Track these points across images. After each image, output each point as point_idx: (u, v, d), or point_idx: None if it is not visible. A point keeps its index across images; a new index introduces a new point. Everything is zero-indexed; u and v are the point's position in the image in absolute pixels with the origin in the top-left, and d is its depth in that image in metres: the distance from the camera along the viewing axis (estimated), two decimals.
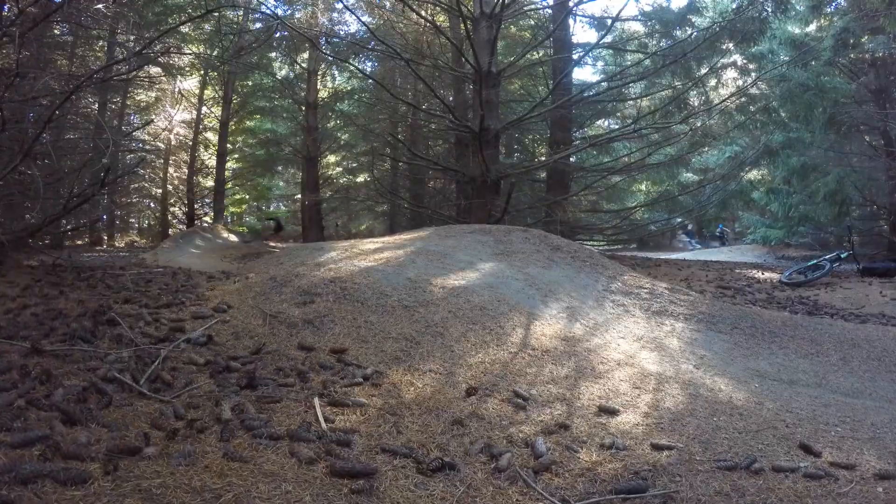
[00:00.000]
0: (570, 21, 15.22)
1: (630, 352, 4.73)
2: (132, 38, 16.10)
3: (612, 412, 3.42)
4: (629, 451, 2.92)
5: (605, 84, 13.76)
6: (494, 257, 6.77)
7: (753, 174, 18.50)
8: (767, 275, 11.08)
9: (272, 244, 17.79)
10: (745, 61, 16.24)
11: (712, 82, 16.92)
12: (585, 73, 28.89)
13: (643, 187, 19.40)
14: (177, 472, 2.20)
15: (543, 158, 16.51)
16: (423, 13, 13.60)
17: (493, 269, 6.27)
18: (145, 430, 2.57)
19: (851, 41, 13.52)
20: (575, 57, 15.04)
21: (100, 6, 11.36)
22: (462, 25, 11.94)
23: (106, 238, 21.43)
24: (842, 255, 10.84)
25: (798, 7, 14.79)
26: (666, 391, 3.90)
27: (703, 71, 14.43)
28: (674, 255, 17.99)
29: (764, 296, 9.17)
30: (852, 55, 14.35)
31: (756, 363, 5.08)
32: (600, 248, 16.03)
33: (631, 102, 15.91)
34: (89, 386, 2.97)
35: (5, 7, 7.27)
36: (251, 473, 2.28)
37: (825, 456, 3.01)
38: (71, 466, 2.13)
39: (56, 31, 13.33)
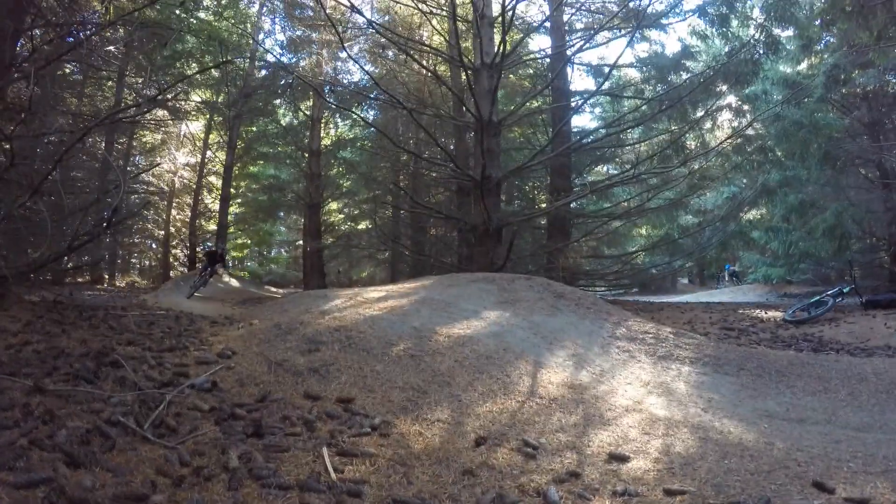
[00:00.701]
0: (569, 69, 15.53)
1: (637, 397, 4.68)
2: (140, 80, 16.44)
3: (623, 459, 3.37)
4: (642, 498, 2.86)
5: (603, 131, 13.96)
6: (498, 306, 6.75)
7: (752, 214, 18.57)
8: (771, 314, 11.01)
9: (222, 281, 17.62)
10: (739, 102, 16.49)
11: (708, 125, 17.14)
12: (584, 120, 29.25)
13: (643, 231, 19.43)
14: None
15: (544, 206, 16.59)
16: (424, 63, 13.86)
17: (497, 317, 6.25)
18: (151, 477, 2.54)
19: (842, 77, 13.71)
20: (573, 104, 15.27)
21: (111, 48, 11.60)
22: (463, 75, 12.14)
23: (107, 277, 21.39)
24: (844, 290, 10.73)
25: (788, 47, 15.11)
26: (675, 435, 3.84)
27: (699, 114, 14.64)
28: (676, 299, 17.94)
29: (768, 335, 9.08)
30: (844, 90, 14.57)
31: (764, 403, 5.02)
32: (602, 293, 16.02)
33: (629, 148, 16.08)
34: (93, 428, 2.94)
35: (19, 43, 7.43)
36: None
37: (839, 492, 2.97)
38: None
39: (66, 70, 13.58)
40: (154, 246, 26.11)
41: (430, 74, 14.59)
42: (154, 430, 3.11)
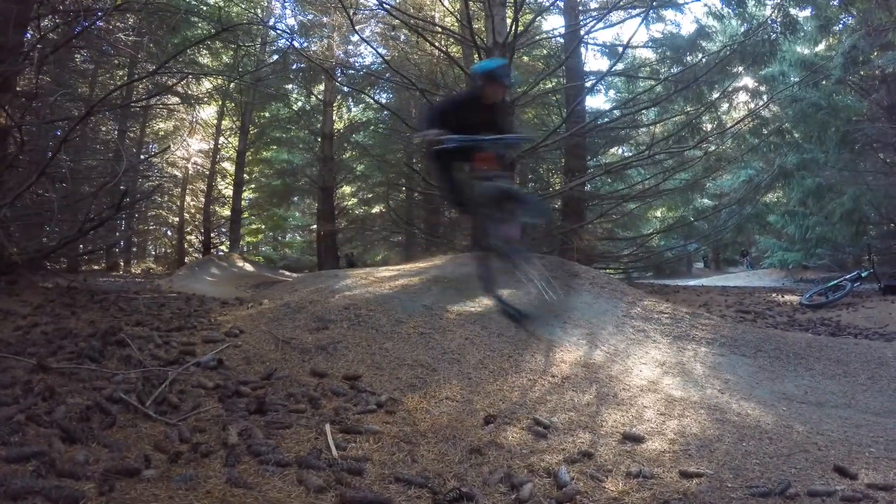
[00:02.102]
0: (582, 49, 15.22)
1: (653, 377, 4.56)
2: (151, 68, 16.38)
3: (638, 439, 3.25)
4: (657, 480, 2.75)
5: (617, 112, 13.66)
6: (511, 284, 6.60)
7: (769, 197, 18.26)
8: (787, 297, 10.86)
9: None
10: (755, 84, 16.17)
11: (724, 106, 16.81)
12: (598, 101, 28.87)
13: (658, 214, 19.13)
14: (176, 497, 2.08)
15: (559, 187, 16.28)
16: (436, 44, 13.62)
17: (510, 295, 6.09)
18: (147, 452, 2.46)
19: (861, 58, 13.41)
20: (587, 85, 15.00)
21: (120, 35, 11.53)
22: (476, 56, 11.92)
23: (122, 264, 21.52)
24: (862, 275, 10.53)
25: (806, 27, 14.75)
26: (692, 416, 3.72)
27: (715, 95, 14.34)
28: (691, 282, 17.70)
29: (785, 318, 8.95)
30: (862, 72, 14.25)
31: (782, 386, 4.91)
32: (616, 276, 15.80)
33: (644, 129, 15.79)
34: (93, 405, 2.88)
35: (27, 34, 7.38)
36: (255, 501, 2.13)
37: (861, 478, 2.87)
38: (64, 485, 2.03)
39: (78, 59, 13.52)
40: (169, 233, 26.18)
41: (441, 56, 14.36)
42: (156, 407, 3.04)
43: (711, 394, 4.39)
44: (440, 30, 14.20)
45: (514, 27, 10.54)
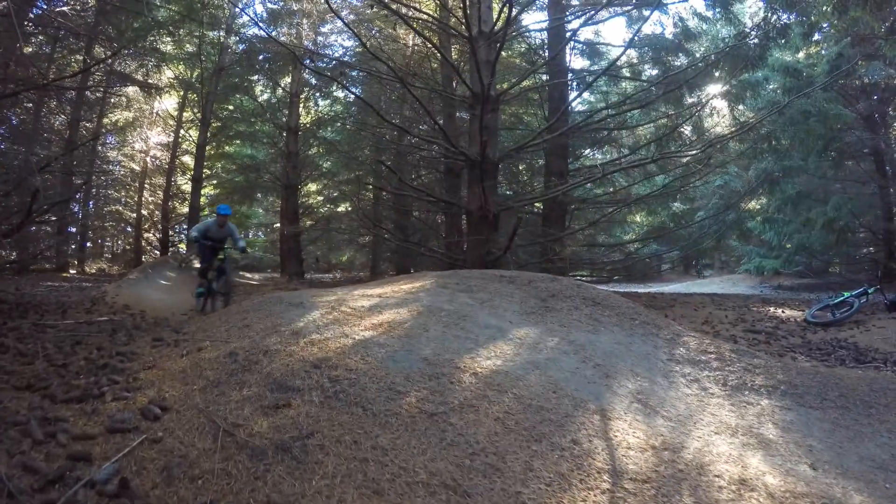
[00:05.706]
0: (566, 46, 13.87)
1: (735, 455, 3.30)
2: (106, 52, 14.61)
3: None
4: None
5: (604, 112, 12.26)
6: (526, 318, 5.00)
7: (750, 204, 17.38)
8: (788, 312, 9.79)
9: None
10: (731, 89, 15.18)
11: (707, 109, 15.81)
12: (576, 101, 27.88)
13: (638, 219, 17.92)
14: None
15: (539, 190, 14.78)
16: (416, 33, 12.02)
17: (530, 336, 4.53)
18: None
19: (845, 67, 12.55)
20: (572, 83, 13.68)
21: (67, 9, 9.71)
22: (455, 48, 10.43)
23: (77, 263, 19.28)
24: (869, 291, 9.47)
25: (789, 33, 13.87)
26: None
27: (701, 98, 13.27)
28: (665, 287, 16.67)
29: (798, 340, 7.79)
30: (842, 81, 13.42)
31: (866, 448, 3.83)
32: (591, 282, 14.58)
33: (627, 131, 14.57)
34: None
35: None
36: None
37: None
38: None
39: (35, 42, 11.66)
40: (129, 229, 23.91)
41: (415, 48, 12.84)
42: None
43: (804, 472, 3.28)
44: (426, 16, 12.47)
45: (507, 13, 8.99)
